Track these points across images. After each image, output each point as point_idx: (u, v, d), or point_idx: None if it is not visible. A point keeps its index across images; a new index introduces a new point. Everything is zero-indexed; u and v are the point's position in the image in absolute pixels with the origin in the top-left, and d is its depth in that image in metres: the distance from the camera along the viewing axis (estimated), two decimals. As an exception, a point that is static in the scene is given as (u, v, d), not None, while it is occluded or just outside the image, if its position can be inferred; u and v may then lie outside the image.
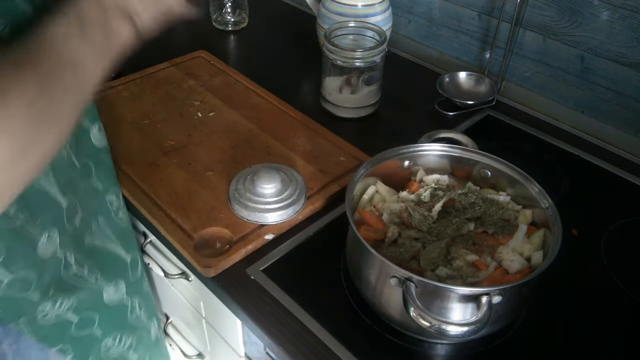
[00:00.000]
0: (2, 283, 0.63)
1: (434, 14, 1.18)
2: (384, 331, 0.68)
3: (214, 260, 0.74)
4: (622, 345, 0.68)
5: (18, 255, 0.63)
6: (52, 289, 0.69)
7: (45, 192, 0.65)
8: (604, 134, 1.00)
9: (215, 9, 1.32)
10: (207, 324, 0.95)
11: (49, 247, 0.66)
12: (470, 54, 1.16)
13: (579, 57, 0.98)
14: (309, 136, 0.96)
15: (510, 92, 1.11)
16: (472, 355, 0.67)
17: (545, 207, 0.69)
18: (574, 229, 0.81)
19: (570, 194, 0.88)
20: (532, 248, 0.68)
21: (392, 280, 0.60)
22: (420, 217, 0.69)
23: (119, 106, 1.01)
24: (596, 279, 0.76)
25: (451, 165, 0.78)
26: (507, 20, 1.04)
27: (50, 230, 0.66)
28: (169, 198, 0.83)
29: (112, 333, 0.83)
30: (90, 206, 0.75)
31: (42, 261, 0.66)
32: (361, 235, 0.63)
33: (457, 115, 1.05)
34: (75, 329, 0.76)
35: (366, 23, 1.02)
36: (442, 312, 0.60)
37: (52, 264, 0.68)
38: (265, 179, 0.80)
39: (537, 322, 0.70)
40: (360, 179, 0.72)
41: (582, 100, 1.02)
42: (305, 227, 0.80)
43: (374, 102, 1.04)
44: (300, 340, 0.66)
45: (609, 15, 0.92)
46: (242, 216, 0.79)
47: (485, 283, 0.64)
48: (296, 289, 0.72)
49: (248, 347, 0.85)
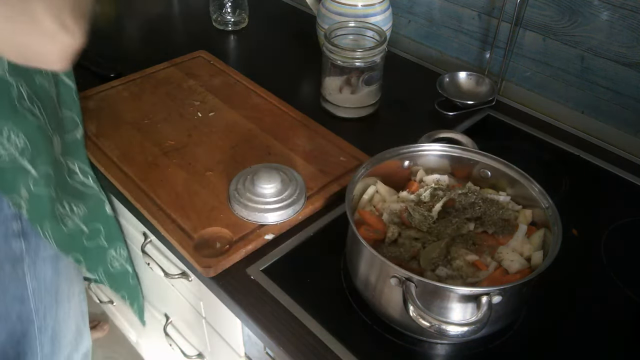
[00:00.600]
0: (31, 180, 0.71)
1: (434, 14, 1.18)
2: (384, 331, 0.68)
3: (214, 260, 0.74)
4: (622, 345, 0.68)
5: (41, 149, 0.70)
6: (60, 192, 0.78)
7: (52, 97, 0.71)
8: (604, 134, 1.00)
9: (215, 9, 1.32)
10: (207, 324, 0.95)
11: (57, 149, 0.72)
12: (470, 54, 1.16)
13: (579, 57, 0.99)
14: (309, 136, 0.96)
15: (510, 92, 1.11)
16: (472, 355, 0.67)
17: (545, 207, 0.69)
18: (574, 229, 0.81)
19: (570, 194, 0.88)
20: (532, 248, 0.68)
21: (392, 280, 0.60)
22: (420, 217, 0.69)
23: (119, 106, 1.01)
24: (596, 279, 0.76)
25: (451, 165, 0.78)
26: (507, 20, 1.04)
27: (55, 134, 0.72)
28: (169, 198, 0.83)
29: (113, 244, 0.94)
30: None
31: (55, 160, 0.72)
32: (361, 235, 0.63)
33: (457, 115, 1.05)
34: (87, 240, 0.86)
35: (366, 23, 1.02)
36: (442, 312, 0.60)
37: (59, 168, 0.77)
38: (265, 179, 0.80)
39: (537, 322, 0.70)
40: (360, 179, 0.72)
41: (582, 100, 1.02)
42: (305, 227, 0.80)
43: (374, 102, 1.04)
44: (300, 340, 0.66)
45: (609, 15, 0.92)
46: (242, 216, 0.79)
47: (485, 283, 0.64)
48: (296, 289, 0.72)
49: (248, 347, 0.85)
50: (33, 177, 0.73)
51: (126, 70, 1.11)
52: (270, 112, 1.02)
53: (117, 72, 1.11)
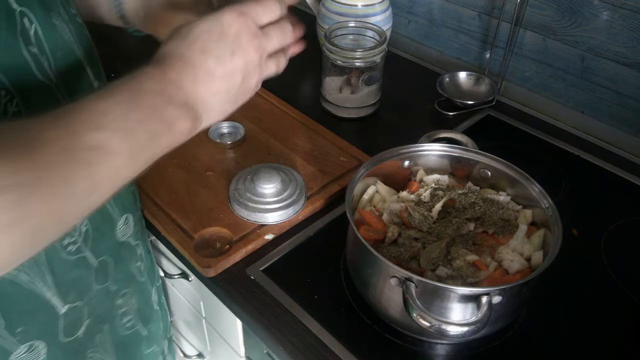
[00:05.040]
0: None
1: (434, 14, 1.17)
2: (384, 331, 0.68)
3: (214, 260, 0.74)
4: (622, 345, 0.68)
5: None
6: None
7: (36, 294, 0.54)
8: (604, 134, 1.00)
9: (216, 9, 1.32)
10: (207, 324, 0.95)
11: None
12: (470, 54, 1.16)
13: (579, 57, 0.98)
14: (309, 136, 0.96)
15: (510, 92, 1.11)
16: (472, 355, 0.67)
17: (545, 207, 0.69)
18: (574, 229, 0.81)
19: (570, 194, 0.88)
20: (532, 248, 0.68)
21: (392, 280, 0.60)
22: (420, 217, 0.69)
23: (119, 106, 1.01)
24: (596, 279, 0.76)
25: (451, 165, 0.78)
26: (507, 20, 1.04)
27: (35, 341, 0.55)
28: (169, 198, 0.83)
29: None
30: (98, 312, 0.64)
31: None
32: (361, 235, 0.63)
33: (457, 115, 1.05)
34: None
35: (366, 23, 1.02)
36: (442, 312, 0.60)
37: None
38: (265, 179, 0.80)
39: (537, 322, 0.70)
40: (360, 179, 0.72)
41: (582, 100, 1.02)
42: (305, 227, 0.80)
43: (374, 102, 1.04)
44: (300, 340, 0.66)
45: (609, 15, 0.92)
46: (242, 216, 0.79)
47: (485, 283, 0.64)
48: (296, 289, 0.72)
49: (248, 347, 0.85)
50: None
51: (126, 71, 1.11)
52: (270, 112, 1.02)
53: (117, 72, 1.11)
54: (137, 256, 0.72)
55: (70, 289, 0.57)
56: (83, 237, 0.57)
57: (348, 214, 0.66)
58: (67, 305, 0.58)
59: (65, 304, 0.57)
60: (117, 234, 0.64)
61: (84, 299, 0.60)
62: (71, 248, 0.56)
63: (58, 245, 0.54)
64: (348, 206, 0.67)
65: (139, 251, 0.72)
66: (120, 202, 0.64)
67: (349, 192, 0.69)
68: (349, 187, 0.70)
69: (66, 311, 0.58)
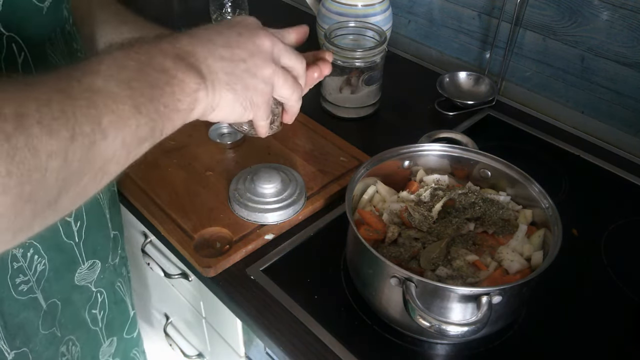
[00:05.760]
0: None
1: (434, 14, 1.17)
2: (384, 331, 0.67)
3: (214, 260, 0.74)
4: (622, 345, 0.68)
5: None
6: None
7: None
8: (604, 134, 1.00)
9: (215, 9, 1.32)
10: (207, 324, 0.95)
11: None
12: (470, 54, 1.16)
13: (579, 57, 0.98)
14: (309, 136, 0.96)
15: (510, 92, 1.11)
16: (472, 355, 0.67)
17: (545, 207, 0.69)
18: (574, 229, 0.81)
19: (570, 194, 0.88)
20: (532, 248, 0.68)
21: (392, 280, 0.60)
22: (420, 217, 0.69)
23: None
24: (596, 279, 0.76)
25: (451, 165, 0.78)
26: (507, 20, 1.04)
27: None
28: (169, 198, 0.83)
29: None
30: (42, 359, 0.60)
31: None
32: (361, 235, 0.63)
33: (457, 115, 1.05)
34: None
35: (366, 23, 1.02)
36: (442, 312, 0.60)
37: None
38: (265, 179, 0.80)
39: (537, 322, 0.70)
40: (360, 179, 0.72)
41: (582, 100, 1.02)
42: (305, 227, 0.80)
43: (374, 102, 1.04)
44: (300, 340, 0.66)
45: (609, 15, 0.92)
46: (242, 216, 0.79)
47: (485, 283, 0.64)
48: (296, 289, 0.72)
49: (248, 347, 0.85)
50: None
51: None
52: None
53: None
54: (96, 303, 0.68)
55: (17, 333, 0.55)
56: (37, 276, 0.55)
57: (348, 214, 0.66)
58: (14, 351, 0.55)
59: (12, 350, 0.55)
60: (74, 277, 0.61)
61: (29, 345, 0.57)
62: (23, 287, 0.53)
63: (10, 283, 0.52)
64: (348, 206, 0.67)
65: (100, 298, 0.68)
66: (90, 245, 0.62)
67: (349, 192, 0.69)
68: (349, 187, 0.70)
69: (12, 357, 0.55)
